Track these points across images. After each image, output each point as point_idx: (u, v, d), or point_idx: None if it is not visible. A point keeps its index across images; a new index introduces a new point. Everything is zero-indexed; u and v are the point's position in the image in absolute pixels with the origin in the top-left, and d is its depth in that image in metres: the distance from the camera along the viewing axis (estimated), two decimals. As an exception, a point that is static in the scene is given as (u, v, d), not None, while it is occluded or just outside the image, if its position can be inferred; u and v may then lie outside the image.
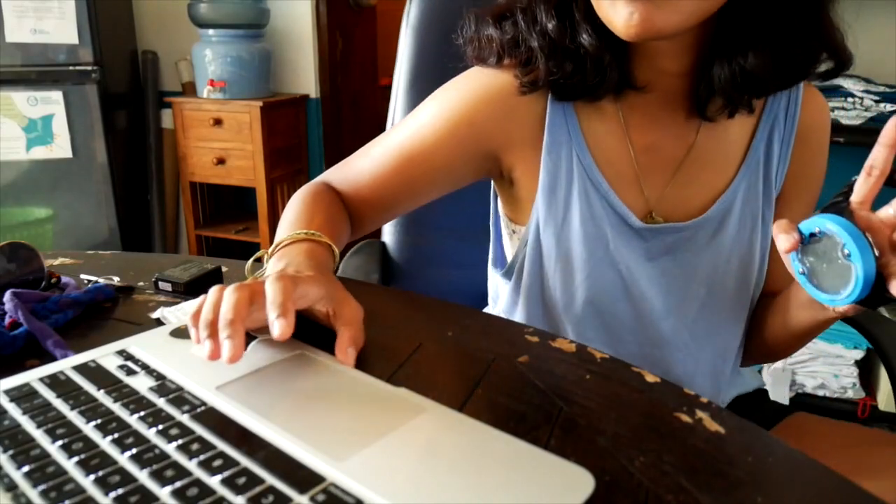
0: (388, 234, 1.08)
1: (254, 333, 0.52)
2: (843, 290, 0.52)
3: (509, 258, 0.79)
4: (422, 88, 0.96)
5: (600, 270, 0.70)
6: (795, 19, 0.60)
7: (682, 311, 0.72)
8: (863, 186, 0.53)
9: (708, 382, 0.75)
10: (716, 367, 0.76)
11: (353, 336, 0.50)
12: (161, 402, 0.42)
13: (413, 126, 0.73)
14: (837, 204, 0.54)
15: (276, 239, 0.63)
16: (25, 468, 0.35)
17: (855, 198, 0.53)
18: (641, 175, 0.70)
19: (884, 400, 1.89)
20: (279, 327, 0.45)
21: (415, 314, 0.62)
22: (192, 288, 0.65)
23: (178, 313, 0.58)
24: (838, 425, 0.78)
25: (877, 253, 0.50)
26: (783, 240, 0.54)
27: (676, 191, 0.70)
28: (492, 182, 0.81)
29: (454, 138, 0.71)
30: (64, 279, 0.64)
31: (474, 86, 0.71)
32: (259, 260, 0.64)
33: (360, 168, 0.75)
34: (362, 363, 0.49)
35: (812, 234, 0.54)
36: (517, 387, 0.48)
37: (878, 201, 0.53)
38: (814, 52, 0.62)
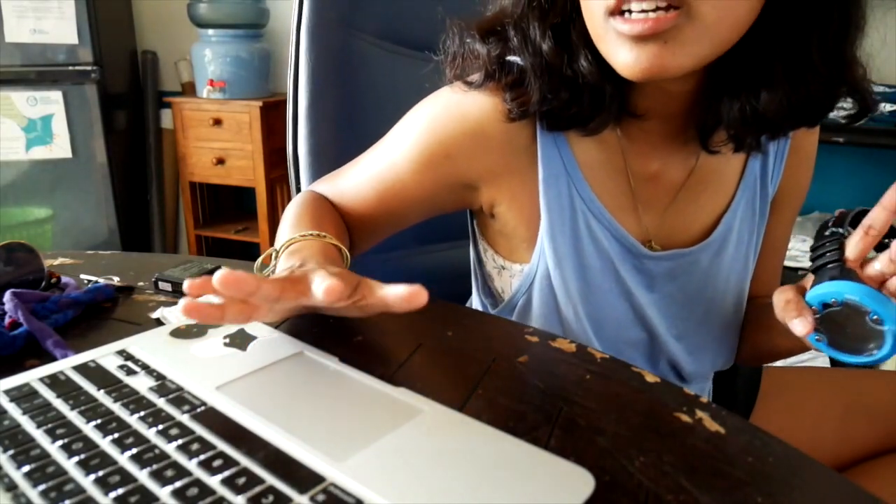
0: None
1: (254, 334, 0.52)
2: (876, 351, 0.52)
3: (503, 293, 0.74)
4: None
5: (611, 303, 0.68)
6: (815, 55, 0.53)
7: (684, 331, 0.72)
8: (859, 244, 0.54)
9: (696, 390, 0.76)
10: (708, 377, 0.77)
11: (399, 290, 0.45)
12: (161, 402, 0.42)
13: (389, 157, 0.68)
14: (834, 264, 0.55)
15: (281, 238, 0.61)
16: (25, 468, 0.35)
17: (851, 256, 0.54)
18: (640, 203, 0.67)
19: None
20: (329, 284, 0.41)
21: (415, 314, 0.62)
22: (192, 288, 0.65)
23: (178, 313, 0.58)
24: (806, 371, 0.83)
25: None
26: (799, 324, 0.54)
27: (675, 216, 0.68)
28: (468, 213, 0.77)
29: (432, 172, 0.66)
30: (64, 279, 0.64)
31: (452, 114, 0.64)
32: (267, 260, 0.62)
33: (345, 189, 0.72)
34: (362, 363, 0.49)
35: (826, 304, 0.54)
36: (517, 387, 0.48)
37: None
38: (834, 92, 0.56)
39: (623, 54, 0.52)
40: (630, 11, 0.50)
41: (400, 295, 0.44)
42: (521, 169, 0.65)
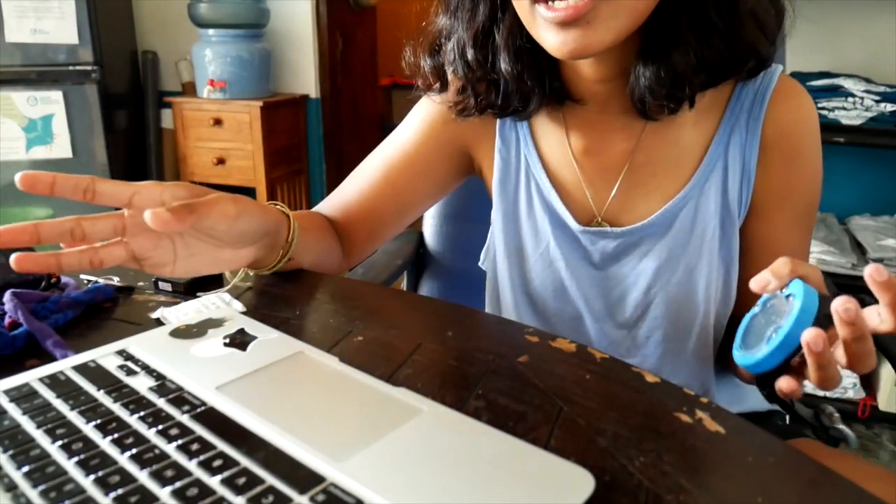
0: (427, 224, 1.11)
1: (254, 334, 0.52)
2: (759, 347, 0.47)
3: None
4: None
5: (540, 267, 0.73)
6: (713, 14, 0.58)
7: (619, 315, 0.72)
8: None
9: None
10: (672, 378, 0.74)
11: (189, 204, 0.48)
12: (161, 403, 0.42)
13: (392, 138, 0.79)
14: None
15: None
16: (25, 468, 0.35)
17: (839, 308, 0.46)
18: (585, 180, 0.71)
19: (884, 400, 1.89)
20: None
21: (415, 314, 0.62)
22: (192, 288, 0.65)
23: (177, 313, 0.58)
24: (840, 457, 0.71)
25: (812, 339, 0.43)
26: (756, 281, 0.50)
27: (623, 196, 0.70)
28: None
29: (434, 140, 0.76)
30: (64, 279, 0.64)
31: (437, 100, 0.75)
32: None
33: (346, 190, 0.79)
34: (362, 363, 0.49)
35: (788, 296, 0.48)
36: (517, 387, 0.48)
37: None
38: (734, 47, 0.60)
39: (550, 38, 0.57)
40: (552, 0, 0.55)
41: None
42: (491, 134, 0.75)
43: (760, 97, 0.66)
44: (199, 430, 0.39)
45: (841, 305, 0.42)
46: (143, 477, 0.35)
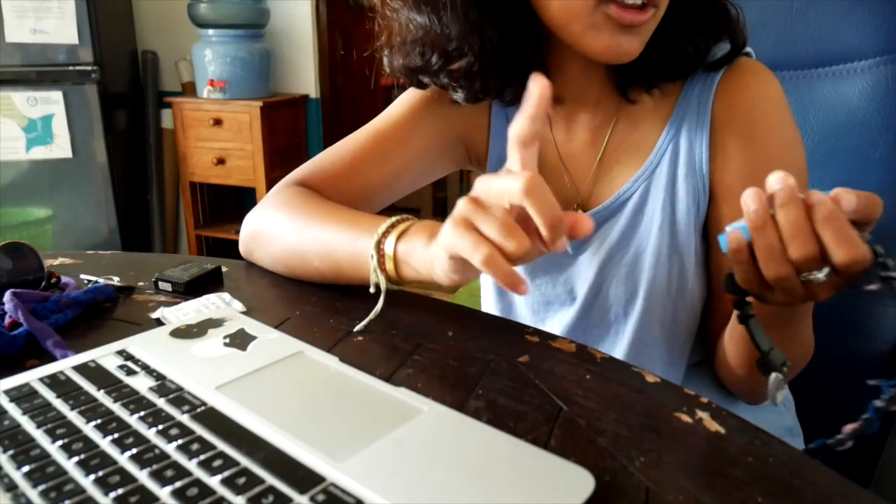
0: None
1: (254, 334, 0.52)
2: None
3: None
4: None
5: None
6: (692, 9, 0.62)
7: (602, 303, 0.72)
8: None
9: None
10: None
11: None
12: (161, 402, 0.42)
13: (386, 112, 0.77)
14: None
15: (334, 237, 0.62)
16: (25, 468, 0.35)
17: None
18: (567, 169, 0.73)
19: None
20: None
21: (415, 314, 0.62)
22: (192, 288, 0.65)
23: (178, 313, 0.58)
24: None
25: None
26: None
27: (598, 183, 0.72)
28: None
29: (432, 120, 0.75)
30: (64, 279, 0.64)
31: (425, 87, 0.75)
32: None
33: (333, 158, 0.76)
34: (362, 363, 0.49)
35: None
36: (517, 387, 0.48)
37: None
38: (706, 35, 0.63)
39: (605, 39, 0.58)
40: (623, 2, 0.56)
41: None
42: (482, 127, 0.76)
43: (710, 80, 0.66)
44: (199, 430, 0.39)
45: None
46: (143, 477, 0.35)
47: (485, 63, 0.64)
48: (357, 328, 0.57)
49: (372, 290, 0.57)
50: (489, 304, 0.83)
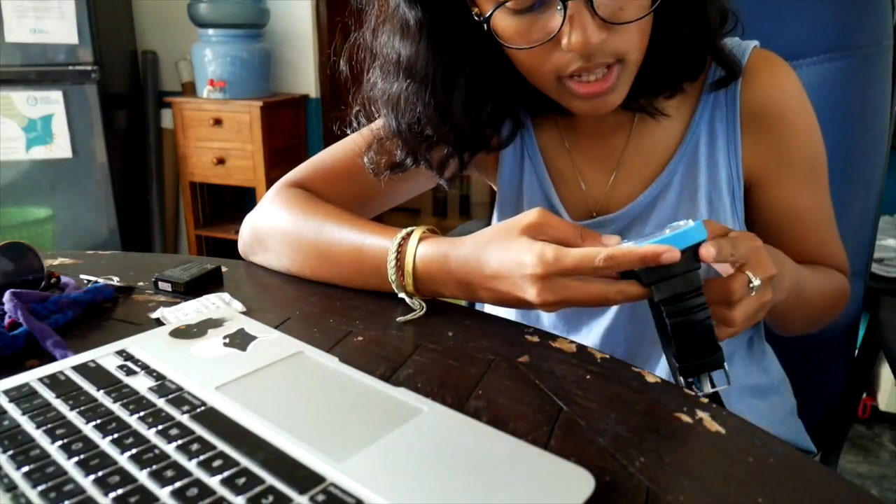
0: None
1: (254, 334, 0.52)
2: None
3: None
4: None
5: None
6: (689, 30, 0.62)
7: (640, 309, 0.71)
8: None
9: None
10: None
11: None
12: (161, 403, 0.42)
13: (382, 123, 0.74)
14: None
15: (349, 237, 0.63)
16: (25, 468, 0.35)
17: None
18: (580, 175, 0.73)
19: (884, 400, 1.89)
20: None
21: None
22: (192, 288, 0.65)
23: (178, 313, 0.58)
24: None
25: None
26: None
27: (619, 188, 0.72)
28: None
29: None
30: (64, 279, 0.64)
31: None
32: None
33: (331, 159, 0.75)
34: (362, 363, 0.49)
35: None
36: (517, 387, 0.48)
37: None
38: (697, 55, 0.64)
39: (578, 105, 0.62)
40: (580, 79, 0.59)
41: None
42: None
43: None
44: (199, 430, 0.39)
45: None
46: (143, 477, 0.35)
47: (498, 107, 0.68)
48: (400, 319, 0.59)
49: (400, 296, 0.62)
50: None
